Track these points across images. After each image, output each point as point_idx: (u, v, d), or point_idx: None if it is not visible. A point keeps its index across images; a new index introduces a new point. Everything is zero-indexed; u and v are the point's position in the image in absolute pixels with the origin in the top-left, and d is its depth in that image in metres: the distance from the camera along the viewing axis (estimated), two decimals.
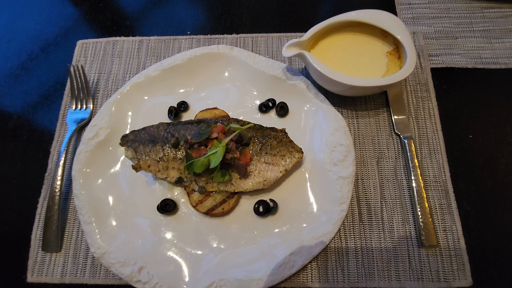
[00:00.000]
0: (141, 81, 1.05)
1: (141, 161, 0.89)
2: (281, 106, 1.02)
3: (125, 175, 0.96)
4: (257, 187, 0.89)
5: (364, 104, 1.06)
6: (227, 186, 0.89)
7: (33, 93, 1.13)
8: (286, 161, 0.91)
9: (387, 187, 0.96)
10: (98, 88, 1.11)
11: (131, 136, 0.92)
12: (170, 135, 0.91)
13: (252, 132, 0.93)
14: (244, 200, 0.94)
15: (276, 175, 0.90)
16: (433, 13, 1.18)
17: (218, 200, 0.90)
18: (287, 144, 0.93)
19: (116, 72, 1.13)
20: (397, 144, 1.00)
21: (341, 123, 0.97)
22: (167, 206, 0.91)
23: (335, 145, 0.95)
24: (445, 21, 1.16)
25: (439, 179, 0.96)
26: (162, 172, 0.89)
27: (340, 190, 0.90)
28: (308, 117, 1.02)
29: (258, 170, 0.90)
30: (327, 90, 1.06)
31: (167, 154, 0.90)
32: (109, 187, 0.95)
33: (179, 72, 1.07)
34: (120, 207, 0.93)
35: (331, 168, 0.93)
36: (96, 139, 0.98)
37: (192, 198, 0.91)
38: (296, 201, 0.93)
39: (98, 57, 1.16)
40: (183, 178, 0.89)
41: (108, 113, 1.01)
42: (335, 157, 0.94)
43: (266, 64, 1.05)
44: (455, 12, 1.18)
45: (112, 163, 0.98)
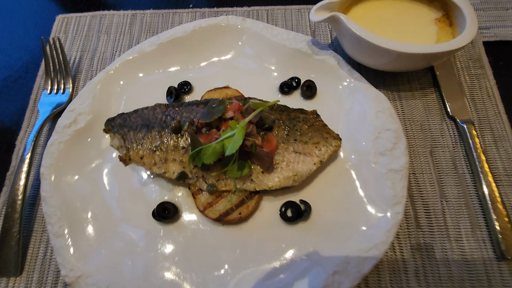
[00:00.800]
0: (134, 57, 0.85)
1: (132, 151, 0.68)
2: (308, 85, 0.82)
3: (111, 172, 0.74)
4: (285, 184, 0.68)
5: (408, 84, 0.87)
6: (246, 184, 0.68)
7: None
8: (320, 150, 0.71)
9: (446, 183, 0.75)
10: (80, 68, 0.91)
11: (118, 120, 0.71)
12: (170, 119, 0.70)
13: (275, 114, 0.73)
14: (266, 202, 0.72)
15: (309, 168, 0.69)
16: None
17: (233, 202, 0.68)
18: (320, 129, 0.73)
19: (103, 49, 0.93)
20: (453, 130, 0.81)
21: (385, 103, 0.78)
22: (166, 211, 0.69)
23: (380, 131, 0.75)
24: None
25: (510, 170, 0.76)
26: (160, 165, 0.68)
27: (392, 187, 0.69)
28: (342, 98, 0.82)
29: (286, 162, 0.69)
30: (362, 66, 0.87)
31: (166, 142, 0.68)
32: (89, 189, 0.72)
33: (180, 47, 0.87)
34: (103, 214, 0.70)
35: (377, 159, 0.73)
36: (74, 127, 0.76)
37: (199, 201, 0.69)
38: (335, 203, 0.71)
39: (81, 33, 0.96)
40: (186, 173, 0.68)
41: (90, 95, 0.80)
42: (381, 145, 0.74)
43: (287, 36, 0.86)
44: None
45: (93, 157, 0.76)
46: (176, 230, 0.70)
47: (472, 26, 0.73)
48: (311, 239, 0.68)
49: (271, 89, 0.84)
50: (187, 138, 0.69)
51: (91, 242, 0.67)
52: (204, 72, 0.86)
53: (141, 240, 0.68)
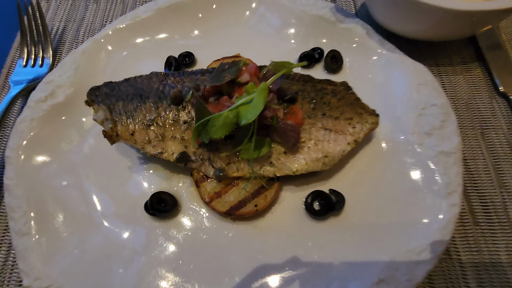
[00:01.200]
0: (127, 24, 0.72)
1: (120, 125, 0.53)
2: (333, 56, 0.69)
3: (94, 156, 0.60)
4: (313, 168, 0.54)
5: (447, 58, 0.75)
6: (264, 167, 0.54)
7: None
8: (355, 127, 0.57)
9: (504, 170, 0.62)
10: (64, 40, 0.78)
11: (104, 89, 0.57)
12: (169, 88, 0.57)
13: (297, 85, 0.60)
14: (286, 193, 0.58)
15: (342, 148, 0.55)
16: None
17: (248, 191, 0.54)
18: (353, 102, 0.60)
19: (91, 20, 0.80)
20: (506, 109, 0.68)
21: (427, 76, 0.65)
22: (162, 203, 0.55)
23: (424, 106, 0.62)
24: None
25: None
26: (155, 144, 0.54)
27: (444, 173, 0.56)
28: (374, 71, 0.69)
29: (315, 141, 0.55)
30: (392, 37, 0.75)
31: (164, 115, 0.54)
32: (65, 176, 0.58)
33: (182, 13, 0.74)
34: (82, 208, 0.55)
35: (423, 140, 0.60)
36: (51, 101, 0.62)
37: (204, 190, 0.55)
38: (373, 193, 0.57)
39: (66, 2, 0.83)
40: (189, 154, 0.54)
41: (73, 66, 0.67)
42: (426, 123, 0.60)
43: (307, 2, 0.74)
44: None
45: (73, 137, 0.62)
46: (175, 227, 0.55)
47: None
48: (346, 238, 0.54)
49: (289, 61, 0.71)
50: (190, 111, 0.55)
51: (64, 243, 0.52)
52: (210, 41, 0.74)
53: (131, 241, 0.54)
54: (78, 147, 0.60)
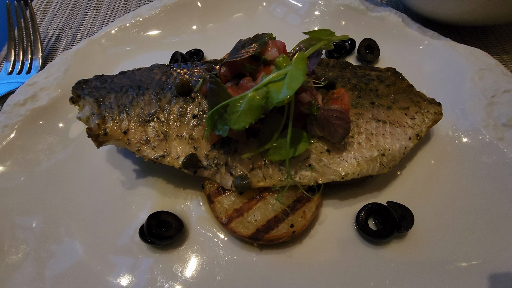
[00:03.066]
0: (127, 24, 0.63)
1: (109, 120, 0.41)
2: (368, 45, 0.59)
3: (77, 169, 0.47)
4: (369, 170, 0.40)
5: (499, 46, 0.64)
6: (300, 172, 0.40)
7: None
8: (414, 118, 0.44)
9: None
10: (57, 46, 0.69)
11: (94, 82, 0.46)
12: (174, 78, 0.45)
13: (335, 71, 0.48)
14: (328, 209, 0.44)
15: (403, 144, 0.42)
16: None
17: (279, 206, 0.40)
18: (406, 90, 0.47)
19: (88, 26, 0.73)
20: None
21: (488, 59, 0.54)
22: (164, 226, 0.40)
23: (494, 94, 0.49)
24: None
25: None
26: (156, 144, 0.40)
27: None
28: (419, 60, 0.58)
29: (366, 135, 0.41)
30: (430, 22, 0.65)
31: (168, 107, 0.42)
32: (38, 196, 0.44)
33: (188, 11, 0.66)
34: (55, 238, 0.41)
35: (502, 133, 0.46)
36: (31, 105, 0.51)
37: (220, 206, 0.40)
38: (447, 206, 0.42)
39: (64, 10, 0.77)
40: (199, 157, 0.40)
41: (62, 67, 0.57)
42: (502, 112, 0.47)
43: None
44: None
45: (54, 147, 0.49)
46: (180, 261, 0.40)
47: None
48: (417, 269, 0.38)
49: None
50: (200, 103, 0.42)
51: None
52: (221, 36, 0.64)
53: (121, 277, 0.38)
54: (59, 158, 0.47)
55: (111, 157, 0.48)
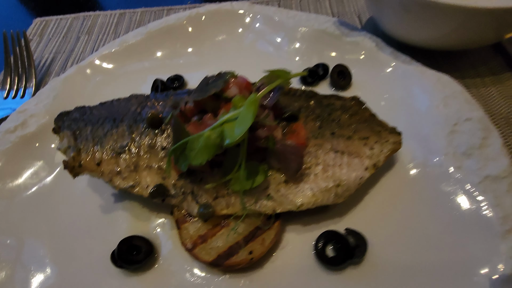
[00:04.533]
0: (114, 50, 0.67)
1: (84, 153, 0.44)
2: (340, 71, 0.61)
3: (62, 192, 0.51)
4: (323, 201, 0.42)
5: (472, 69, 0.65)
6: (260, 202, 0.43)
7: None
8: (373, 148, 0.46)
9: None
10: (50, 71, 0.73)
11: (75, 114, 0.50)
12: (148, 110, 0.49)
13: (300, 101, 0.50)
14: (291, 234, 0.46)
15: (358, 174, 0.44)
16: None
17: (240, 234, 0.42)
18: (368, 119, 0.49)
19: (80, 50, 0.77)
20: None
21: (454, 86, 0.55)
22: (135, 250, 0.43)
23: (456, 122, 0.51)
24: None
25: None
26: (126, 175, 0.44)
27: (496, 204, 0.43)
28: (389, 86, 0.60)
29: (323, 166, 0.44)
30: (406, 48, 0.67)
31: (139, 140, 0.45)
32: (24, 214, 0.48)
33: (172, 36, 0.70)
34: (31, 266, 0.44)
35: (461, 162, 0.47)
36: (21, 132, 0.55)
37: (186, 233, 0.43)
38: (403, 233, 0.44)
39: (58, 35, 0.81)
40: (167, 186, 0.44)
41: (51, 93, 0.61)
42: (462, 141, 0.49)
43: (307, 17, 0.68)
44: None
45: (40, 171, 0.53)
46: (149, 284, 0.43)
47: None
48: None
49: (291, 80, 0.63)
50: (169, 135, 0.46)
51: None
52: (201, 62, 0.67)
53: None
54: (46, 184, 0.51)
55: (91, 181, 0.51)
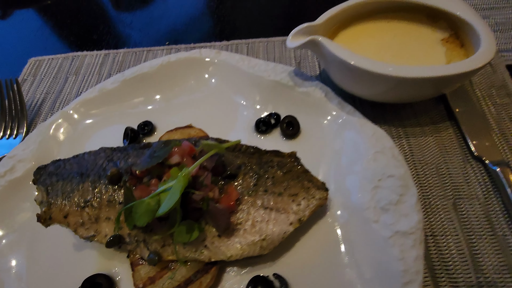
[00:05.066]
0: (93, 96, 0.76)
1: (54, 207, 0.54)
2: (289, 122, 0.68)
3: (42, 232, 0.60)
4: (250, 253, 0.50)
5: (414, 118, 0.71)
6: (199, 251, 0.51)
7: None
8: (300, 204, 0.53)
9: (481, 249, 0.54)
10: (40, 111, 0.83)
11: (50, 168, 0.59)
12: (112, 166, 0.57)
13: (243, 158, 0.58)
14: (229, 276, 0.54)
15: (283, 229, 0.51)
16: (487, 3, 0.89)
17: (182, 276, 0.51)
18: (300, 176, 0.56)
19: (68, 91, 0.86)
20: (482, 175, 0.62)
21: (386, 142, 0.61)
22: (98, 287, 0.52)
23: (381, 178, 0.57)
24: (507, 11, 0.87)
25: None
26: (88, 226, 0.53)
27: (400, 258, 0.50)
28: (331, 136, 0.66)
29: (252, 222, 0.52)
30: (357, 99, 0.73)
31: (100, 195, 0.54)
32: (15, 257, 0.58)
33: (146, 83, 0.77)
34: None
35: (378, 216, 0.54)
36: (9, 176, 0.64)
37: (138, 275, 0.52)
38: (321, 280, 0.52)
39: (49, 75, 0.90)
40: (123, 235, 0.52)
41: (38, 139, 0.70)
42: (383, 197, 0.55)
43: (266, 67, 0.75)
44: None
45: (24, 213, 0.62)
46: None
47: (489, 43, 0.58)
48: None
49: (246, 127, 0.70)
50: None
51: None
52: (170, 110, 0.75)
53: None
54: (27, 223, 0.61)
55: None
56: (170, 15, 1.04)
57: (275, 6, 1.02)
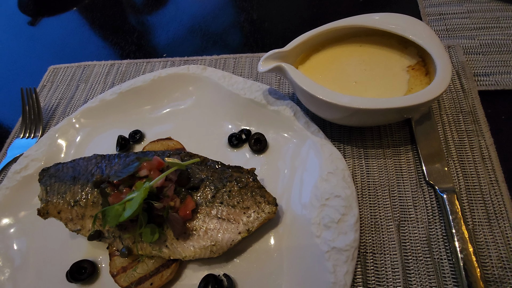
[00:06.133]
0: (95, 105, 0.87)
1: (51, 204, 0.66)
2: (256, 138, 0.75)
3: (40, 225, 0.73)
4: (201, 255, 0.59)
5: (378, 140, 0.74)
6: (162, 249, 0.61)
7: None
8: (250, 217, 0.61)
9: (415, 269, 0.59)
10: (54, 116, 0.96)
11: (52, 170, 0.71)
12: (99, 171, 0.68)
13: (207, 172, 0.66)
14: (189, 271, 0.64)
15: (232, 237, 0.59)
16: (476, 23, 0.89)
17: (149, 269, 0.61)
18: (254, 191, 0.64)
19: (77, 98, 0.98)
20: (431, 200, 0.65)
21: (339, 163, 0.67)
22: (83, 271, 0.64)
23: (329, 197, 0.63)
24: (494, 32, 0.85)
25: (509, 264, 0.57)
26: (76, 221, 0.64)
27: (332, 271, 0.56)
28: (294, 154, 0.72)
29: (205, 229, 0.60)
30: (325, 119, 0.78)
31: (86, 197, 0.65)
32: (23, 240, 0.71)
33: (139, 96, 0.87)
34: (27, 271, 0.67)
35: (320, 232, 0.60)
36: (24, 173, 0.78)
37: (114, 264, 0.63)
38: (263, 282, 0.60)
39: (64, 82, 1.03)
40: (103, 231, 0.63)
41: (48, 142, 0.83)
42: (327, 215, 0.61)
43: (243, 85, 0.81)
44: (507, 21, 0.87)
45: (34, 204, 0.76)
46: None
47: (444, 73, 0.61)
48: None
49: (220, 141, 0.78)
50: None
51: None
52: (157, 122, 0.85)
53: None
54: (36, 216, 0.74)
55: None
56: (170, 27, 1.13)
57: (263, 21, 1.07)
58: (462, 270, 0.55)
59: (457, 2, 0.94)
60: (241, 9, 1.14)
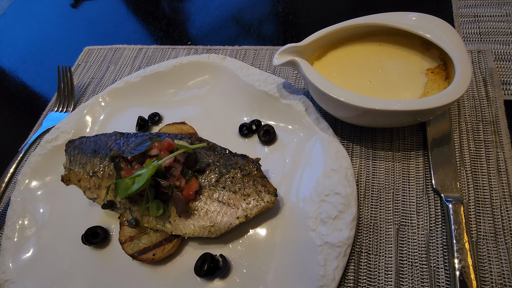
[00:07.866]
0: (120, 86, 0.93)
1: (72, 172, 0.72)
2: (266, 130, 0.76)
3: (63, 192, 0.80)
4: (200, 234, 0.63)
5: (389, 142, 0.73)
6: (165, 225, 0.65)
7: (23, 92, 1.12)
8: (249, 203, 0.64)
9: (409, 274, 0.58)
10: (85, 93, 1.04)
11: (76, 142, 0.78)
12: (117, 147, 0.74)
13: (214, 157, 0.69)
14: (189, 248, 0.68)
15: (230, 221, 0.62)
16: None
17: (153, 241, 0.66)
18: (256, 180, 0.66)
19: (107, 78, 1.05)
20: (435, 208, 0.64)
21: (344, 162, 0.67)
22: (96, 235, 0.71)
23: (328, 193, 0.64)
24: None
25: (510, 282, 0.55)
26: (93, 190, 0.71)
27: (323, 265, 0.57)
28: (300, 148, 0.73)
29: (206, 210, 0.64)
30: (336, 116, 0.77)
31: (103, 169, 0.71)
32: (48, 202, 0.79)
33: (161, 80, 0.92)
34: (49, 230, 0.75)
35: (316, 226, 0.62)
36: (54, 143, 0.86)
37: (123, 232, 0.69)
38: (256, 266, 0.62)
39: (97, 63, 1.11)
40: (115, 202, 0.69)
41: (77, 116, 0.90)
42: (324, 210, 0.62)
43: (259, 77, 0.83)
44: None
45: (60, 171, 0.84)
46: (105, 256, 0.70)
47: (462, 79, 0.59)
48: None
49: (231, 130, 0.81)
50: None
51: (28, 255, 0.73)
52: (176, 105, 0.89)
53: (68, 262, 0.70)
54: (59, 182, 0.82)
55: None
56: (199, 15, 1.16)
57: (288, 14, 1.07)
58: (457, 281, 0.54)
59: (495, 4, 0.88)
60: (268, 1, 1.15)
